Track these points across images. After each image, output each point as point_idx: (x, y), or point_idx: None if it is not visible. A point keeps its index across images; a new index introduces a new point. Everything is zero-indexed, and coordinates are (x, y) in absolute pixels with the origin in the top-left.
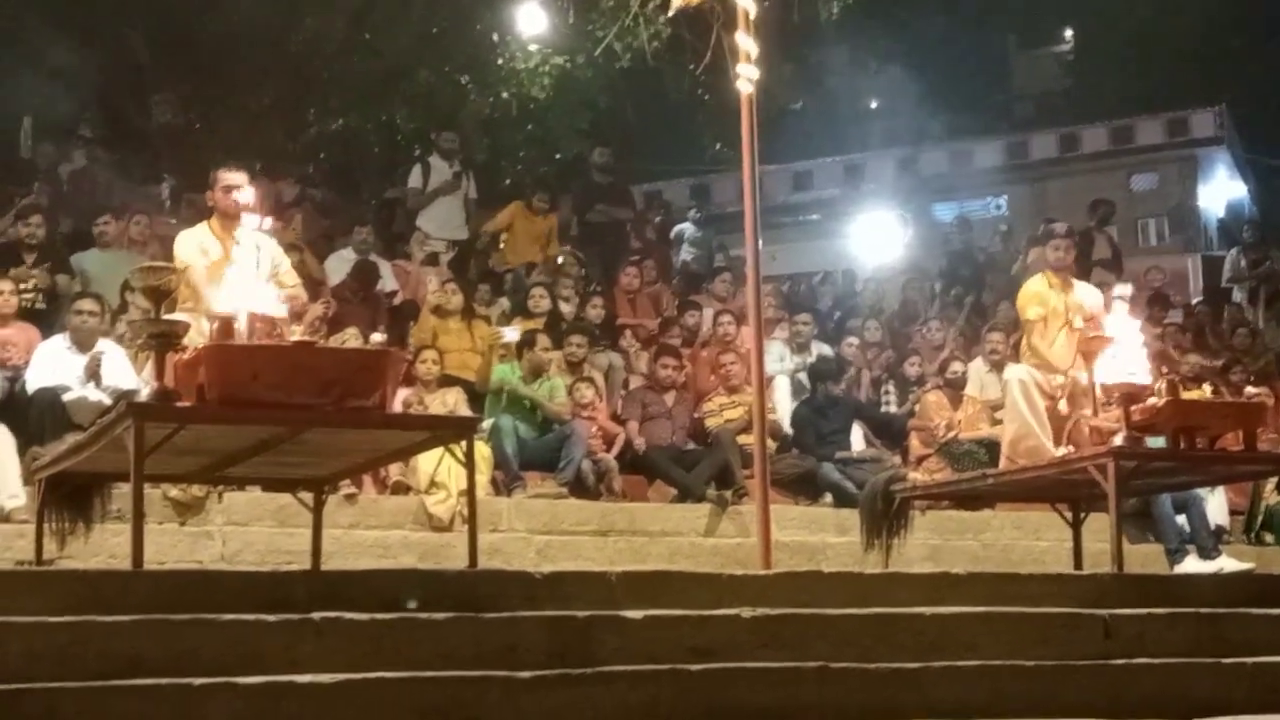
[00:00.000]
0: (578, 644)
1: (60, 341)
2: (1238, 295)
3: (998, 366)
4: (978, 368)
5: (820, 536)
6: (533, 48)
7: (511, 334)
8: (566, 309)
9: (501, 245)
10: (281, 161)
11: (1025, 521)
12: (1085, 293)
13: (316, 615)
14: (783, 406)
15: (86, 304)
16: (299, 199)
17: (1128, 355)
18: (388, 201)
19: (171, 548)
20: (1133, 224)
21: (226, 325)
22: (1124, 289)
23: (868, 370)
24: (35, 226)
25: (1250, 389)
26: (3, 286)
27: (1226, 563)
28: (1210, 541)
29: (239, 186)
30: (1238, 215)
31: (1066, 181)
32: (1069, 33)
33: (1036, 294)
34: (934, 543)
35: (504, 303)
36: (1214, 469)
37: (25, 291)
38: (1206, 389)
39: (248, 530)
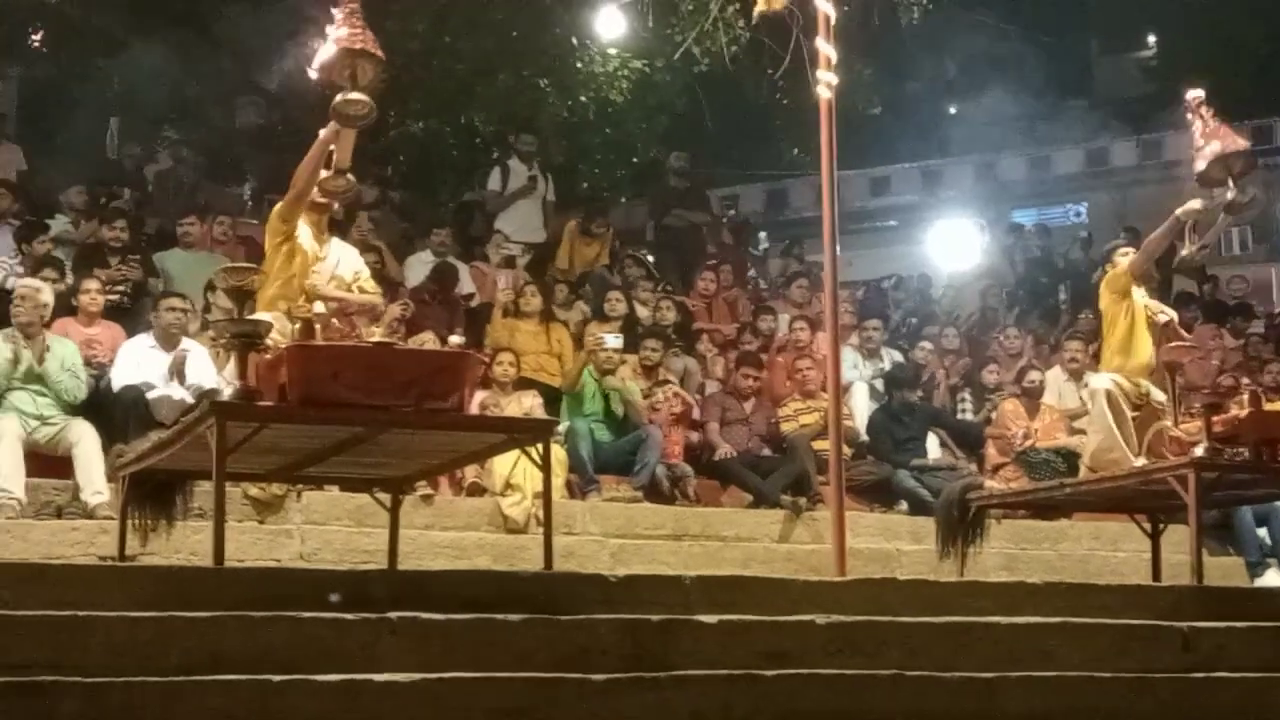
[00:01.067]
0: (652, 648)
1: (144, 340)
2: None
3: (1076, 375)
4: (1056, 376)
5: (895, 544)
6: (611, 51)
7: (614, 340)
8: (644, 313)
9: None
10: (361, 163)
11: (1103, 532)
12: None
13: (393, 615)
14: (859, 413)
15: (175, 302)
16: (379, 201)
17: None
18: (466, 204)
19: (251, 545)
20: (1217, 235)
21: (308, 326)
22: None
23: (944, 377)
24: (120, 230)
25: None
26: (89, 285)
27: None
28: None
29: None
30: None
31: (1148, 189)
32: (1152, 38)
33: (1119, 290)
34: (1010, 552)
35: (582, 306)
36: None
37: (113, 291)
38: None
39: (325, 529)
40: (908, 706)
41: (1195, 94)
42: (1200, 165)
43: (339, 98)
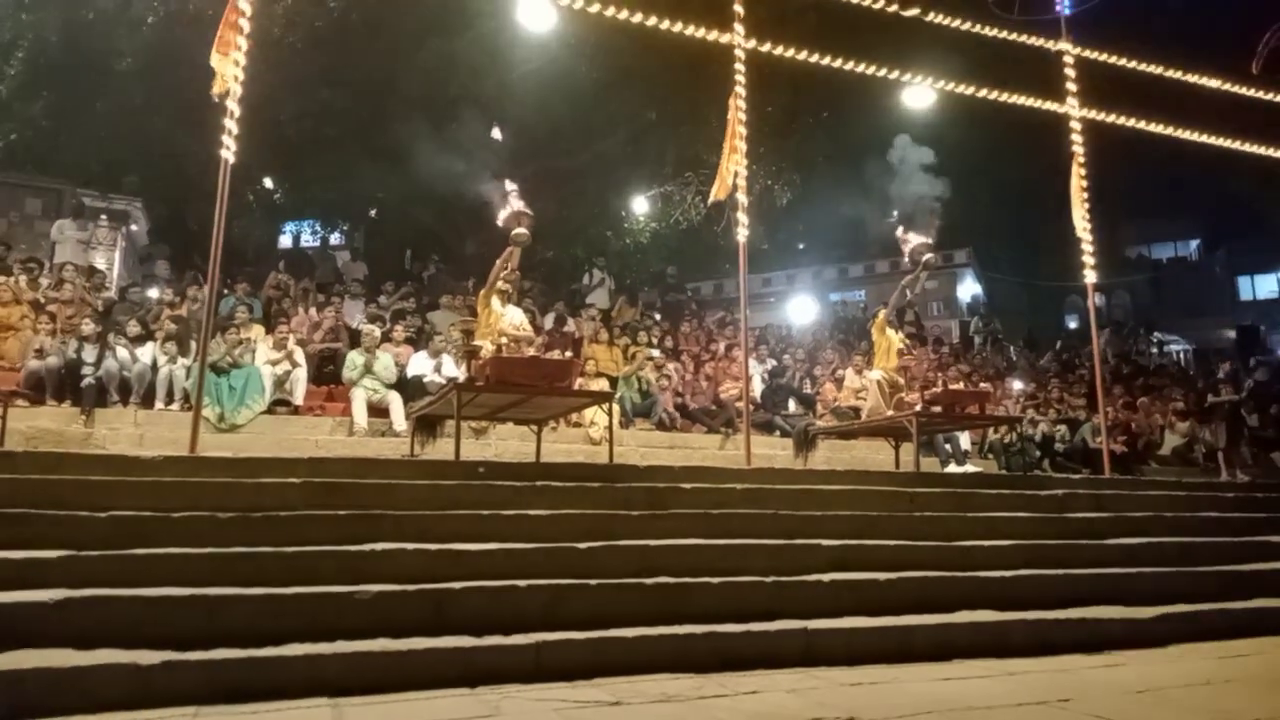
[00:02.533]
0: (660, 499)
1: (423, 354)
2: (977, 340)
3: (859, 371)
4: (850, 372)
5: (774, 451)
6: (641, 217)
7: (655, 352)
8: (654, 339)
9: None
10: (524, 271)
11: (872, 445)
12: (897, 337)
13: (538, 483)
14: (757, 388)
15: (440, 337)
16: (531, 289)
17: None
18: (572, 290)
19: (472, 449)
20: (925, 304)
21: (499, 350)
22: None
23: (797, 372)
24: (411, 302)
25: (983, 385)
26: (397, 328)
27: (970, 467)
28: (962, 457)
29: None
30: (976, 300)
31: (893, 283)
32: (896, 211)
33: (880, 329)
34: (829, 455)
35: (627, 339)
36: (965, 422)
37: (408, 330)
38: (962, 384)
39: (507, 442)
40: (781, 528)
41: (898, 231)
42: (906, 249)
43: (514, 232)
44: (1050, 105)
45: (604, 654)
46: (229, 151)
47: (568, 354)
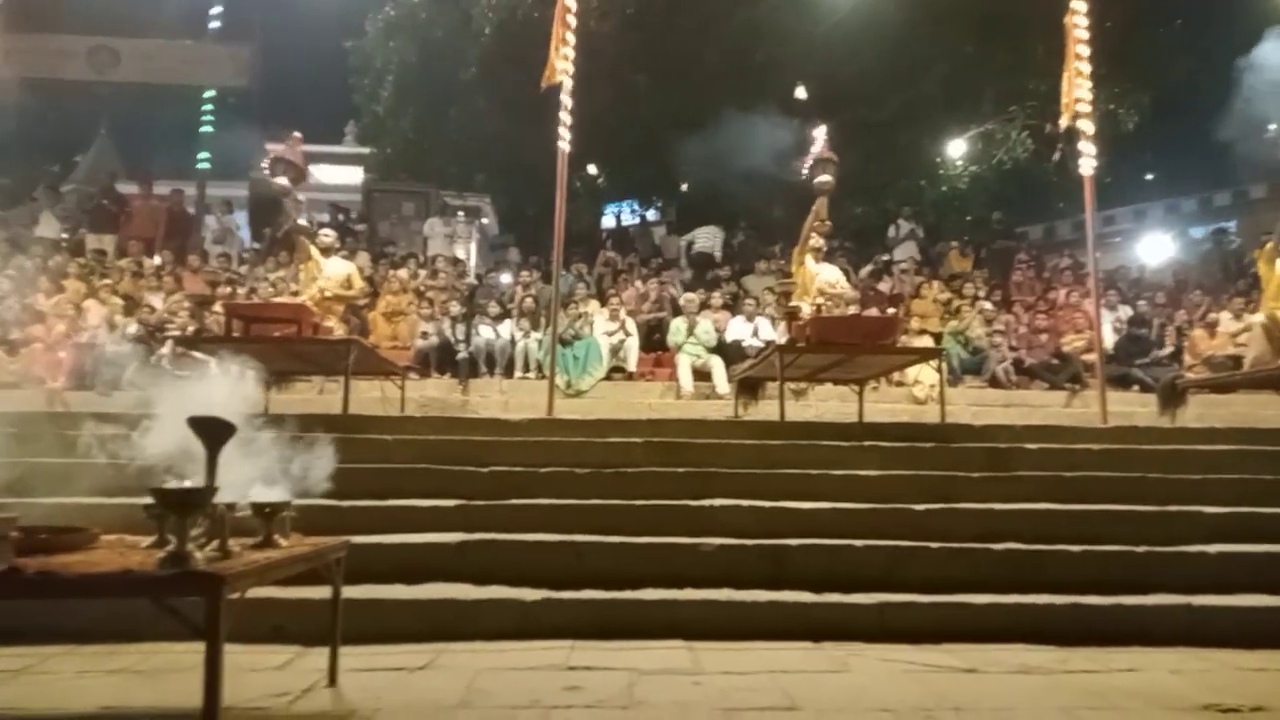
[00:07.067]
0: (999, 460)
1: (739, 318)
2: None
3: (1237, 315)
4: (1226, 316)
5: (1132, 408)
6: (958, 161)
7: (987, 305)
8: (981, 292)
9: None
10: (837, 235)
11: (1257, 400)
12: None
13: (866, 443)
14: (1108, 339)
15: (749, 302)
16: (839, 247)
17: None
18: (883, 245)
19: (793, 411)
20: None
21: (818, 309)
22: None
23: (1157, 318)
24: (724, 270)
25: None
26: (714, 294)
27: None
28: None
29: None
30: None
31: (1273, 213)
32: (1273, 125)
33: (1269, 260)
34: (1202, 411)
35: (949, 293)
36: None
37: (725, 295)
38: None
39: (827, 403)
40: (1150, 493)
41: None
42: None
43: (817, 180)
44: None
45: (951, 619)
46: (564, 142)
47: (889, 310)
